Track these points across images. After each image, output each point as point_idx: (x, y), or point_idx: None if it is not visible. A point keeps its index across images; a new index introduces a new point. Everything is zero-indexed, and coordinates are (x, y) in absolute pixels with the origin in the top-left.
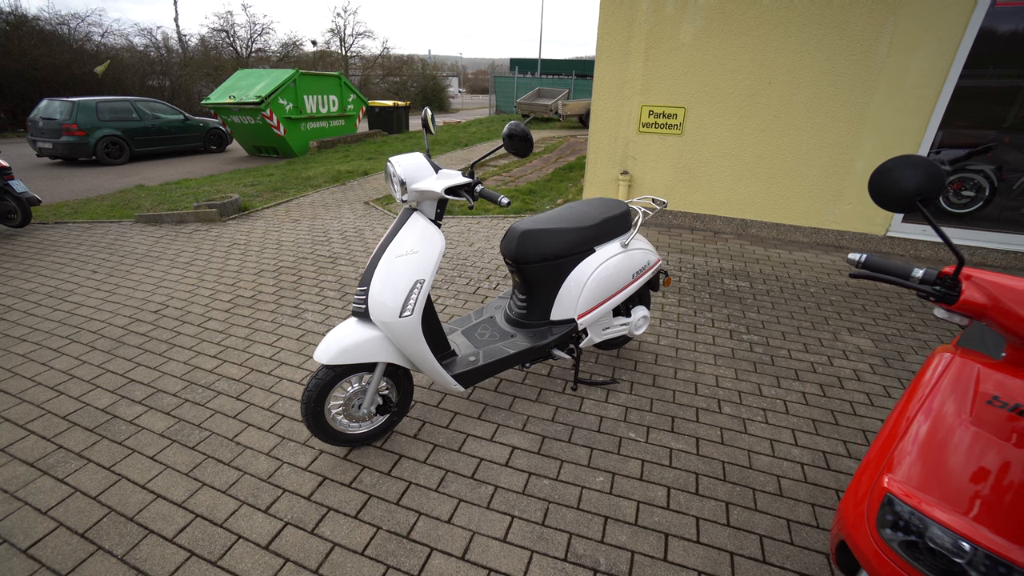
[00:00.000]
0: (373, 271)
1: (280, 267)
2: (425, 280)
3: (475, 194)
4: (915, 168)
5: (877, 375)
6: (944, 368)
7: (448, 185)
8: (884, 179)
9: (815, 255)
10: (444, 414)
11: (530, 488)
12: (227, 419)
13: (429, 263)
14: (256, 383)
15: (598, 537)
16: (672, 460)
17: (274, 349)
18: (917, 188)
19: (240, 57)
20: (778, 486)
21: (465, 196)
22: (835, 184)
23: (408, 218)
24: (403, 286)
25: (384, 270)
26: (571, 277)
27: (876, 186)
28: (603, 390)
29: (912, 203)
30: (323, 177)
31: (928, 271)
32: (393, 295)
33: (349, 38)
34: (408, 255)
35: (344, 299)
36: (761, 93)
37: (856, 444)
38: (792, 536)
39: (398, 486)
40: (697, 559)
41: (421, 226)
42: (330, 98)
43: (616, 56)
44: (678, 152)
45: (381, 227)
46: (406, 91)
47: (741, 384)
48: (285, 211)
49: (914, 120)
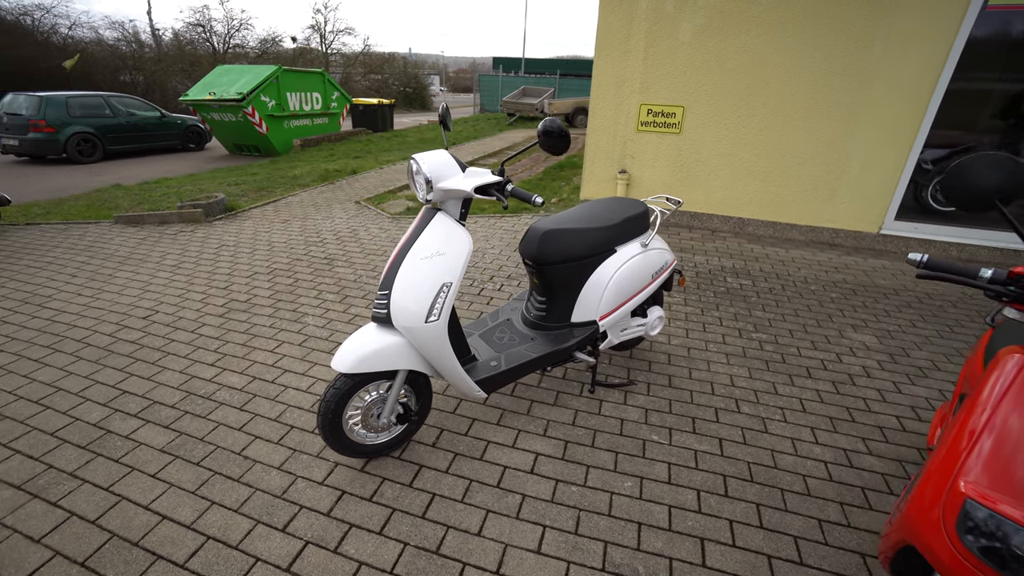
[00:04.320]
0: (395, 274)
1: (274, 269)
2: (453, 283)
3: (506, 193)
4: (994, 166)
5: (886, 371)
6: (1018, 369)
7: (478, 184)
8: (960, 177)
9: (812, 253)
10: (462, 421)
11: (559, 496)
12: (232, 431)
13: (457, 265)
14: (260, 392)
15: (634, 544)
16: (698, 462)
17: (276, 356)
18: (998, 186)
19: (217, 53)
20: (805, 486)
21: (496, 195)
22: (831, 182)
23: (432, 218)
24: (429, 290)
25: (407, 273)
26: (593, 278)
27: (952, 184)
28: (621, 392)
29: (991, 202)
30: (310, 176)
31: (997, 271)
32: (418, 299)
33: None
34: (433, 257)
35: (345, 302)
36: (759, 92)
37: (875, 441)
38: (826, 536)
39: (422, 498)
40: (735, 563)
41: (447, 226)
42: (313, 95)
43: (615, 54)
44: (676, 151)
45: (376, 227)
46: (388, 89)
47: (756, 383)
48: (274, 211)
49: (908, 120)
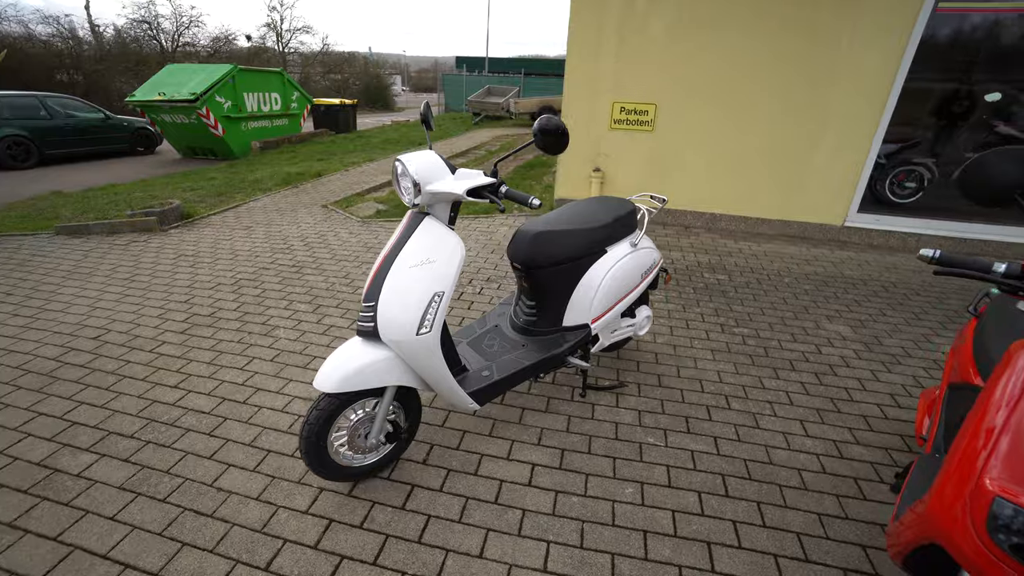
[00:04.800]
0: (381, 285)
1: (239, 280)
2: (445, 292)
3: (500, 195)
4: (1014, 161)
5: (863, 360)
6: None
7: (471, 186)
8: (978, 173)
9: (782, 246)
10: (452, 434)
11: (560, 508)
12: (202, 461)
13: (448, 273)
14: (231, 415)
15: (641, 554)
16: (696, 463)
17: (246, 374)
18: (1018, 181)
19: (165, 52)
20: (801, 480)
21: (490, 198)
22: (799, 177)
23: (419, 223)
24: (419, 300)
25: (395, 283)
26: (584, 280)
27: (970, 180)
28: (612, 394)
29: (1011, 197)
30: (272, 180)
31: (1010, 265)
32: (407, 311)
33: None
34: (423, 265)
35: (318, 312)
36: (729, 89)
37: (861, 431)
38: (826, 531)
39: (417, 521)
40: (743, 566)
41: (436, 232)
42: (272, 96)
43: (587, 52)
44: (649, 149)
45: (345, 232)
46: (348, 89)
47: (743, 378)
48: (235, 217)
49: (869, 115)
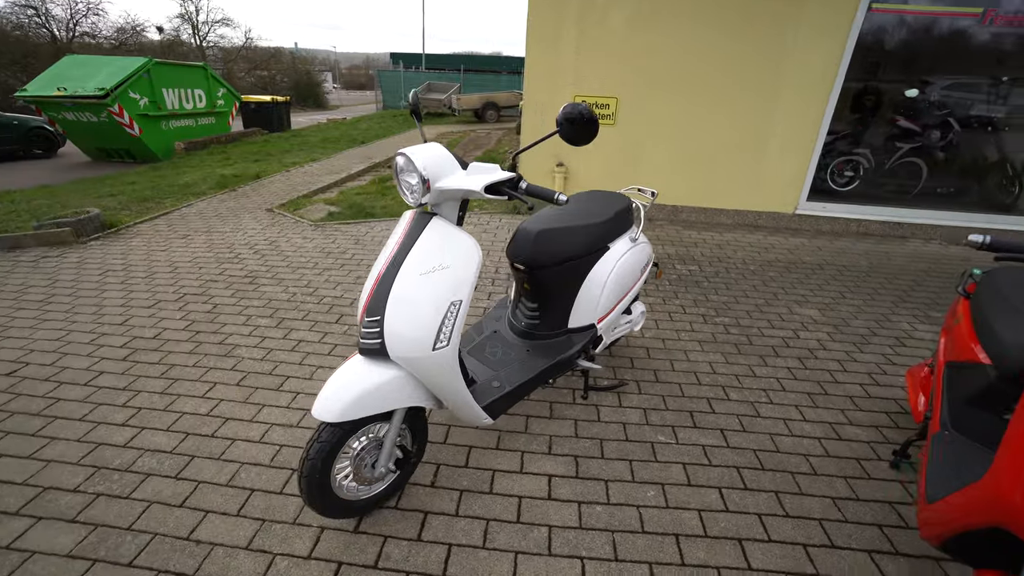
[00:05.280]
0: (385, 297)
1: (184, 295)
2: (463, 301)
3: (521, 191)
4: None
5: (836, 342)
6: None
7: (489, 182)
8: None
9: (741, 235)
10: (458, 450)
11: (586, 520)
12: (171, 510)
13: (466, 279)
14: (199, 451)
15: (677, 560)
16: (709, 458)
17: (209, 402)
18: None
19: (59, 42)
20: (810, 466)
21: (510, 194)
22: (754, 168)
23: (427, 224)
24: (434, 312)
25: (403, 294)
26: (590, 279)
27: None
28: (614, 394)
29: None
30: (205, 183)
31: None
32: (421, 324)
33: (204, 26)
34: (435, 271)
35: (282, 327)
36: (688, 83)
37: (851, 411)
38: (844, 514)
39: (437, 552)
40: (777, 559)
41: (447, 233)
42: (195, 92)
43: (547, 45)
44: (611, 143)
45: (299, 237)
46: (276, 86)
47: (734, 367)
48: (167, 225)
49: (813, 110)
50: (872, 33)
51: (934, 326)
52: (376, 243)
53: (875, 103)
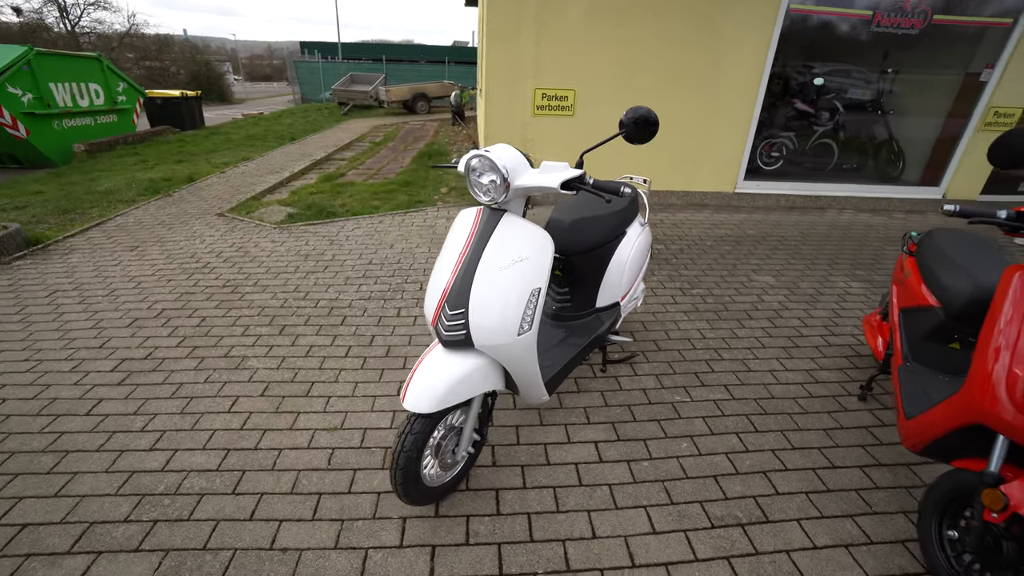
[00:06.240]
0: (468, 291)
1: (162, 310)
2: (541, 288)
3: (588, 185)
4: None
5: (793, 303)
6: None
7: (565, 179)
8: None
9: (692, 213)
10: (507, 431)
11: (637, 475)
12: (243, 525)
13: (544, 267)
14: (247, 465)
15: (721, 496)
16: (722, 409)
17: (239, 416)
18: None
19: None
20: (800, 407)
21: (579, 189)
22: (699, 152)
23: (499, 221)
24: (517, 301)
25: (486, 288)
26: (614, 261)
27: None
28: (628, 365)
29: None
30: (131, 189)
31: (1009, 212)
32: (507, 314)
33: (74, 7)
34: (514, 265)
35: (286, 333)
36: (639, 74)
37: (820, 358)
38: (835, 441)
39: (519, 523)
40: (796, 483)
41: (521, 228)
42: (91, 87)
43: (507, 38)
44: (572, 133)
45: (267, 241)
46: (171, 79)
47: (719, 331)
48: (106, 237)
49: (747, 98)
50: (791, 29)
51: (863, 283)
52: (351, 242)
53: (794, 91)
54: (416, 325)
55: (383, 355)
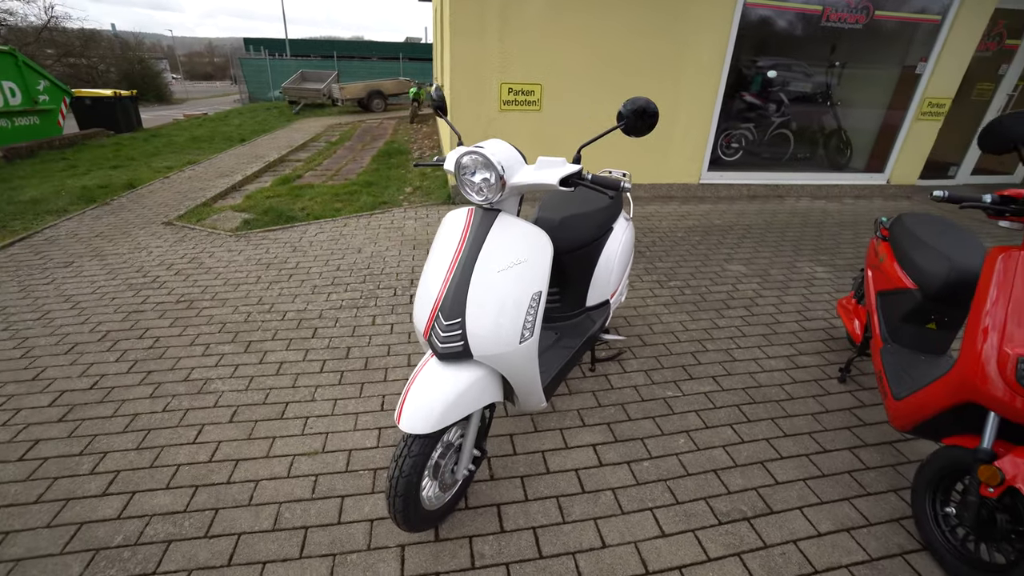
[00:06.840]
0: (463, 299)
1: (107, 332)
2: (542, 291)
3: (587, 181)
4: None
5: (766, 290)
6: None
7: (563, 175)
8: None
9: (660, 206)
10: (501, 441)
11: (639, 476)
12: (219, 572)
13: (543, 269)
14: (218, 503)
15: (723, 491)
16: (712, 401)
17: (206, 447)
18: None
19: None
20: (786, 393)
21: (579, 185)
22: (664, 145)
23: (495, 221)
24: (517, 306)
25: (483, 294)
26: (603, 258)
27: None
28: (616, 362)
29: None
30: (60, 198)
31: (993, 196)
32: (507, 321)
33: None
34: (512, 267)
35: (251, 350)
36: (604, 67)
37: (799, 343)
38: (823, 425)
39: (526, 538)
40: (792, 471)
41: (518, 228)
42: (4, 85)
43: (472, 33)
44: (539, 127)
45: (222, 250)
46: (101, 77)
47: (700, 322)
48: (33, 252)
49: (709, 91)
50: (747, 24)
51: (827, 267)
52: (315, 248)
53: (749, 84)
54: (393, 334)
55: (361, 368)
